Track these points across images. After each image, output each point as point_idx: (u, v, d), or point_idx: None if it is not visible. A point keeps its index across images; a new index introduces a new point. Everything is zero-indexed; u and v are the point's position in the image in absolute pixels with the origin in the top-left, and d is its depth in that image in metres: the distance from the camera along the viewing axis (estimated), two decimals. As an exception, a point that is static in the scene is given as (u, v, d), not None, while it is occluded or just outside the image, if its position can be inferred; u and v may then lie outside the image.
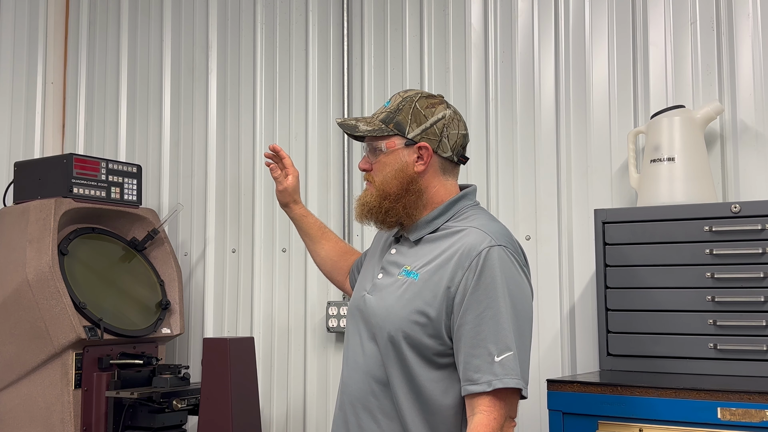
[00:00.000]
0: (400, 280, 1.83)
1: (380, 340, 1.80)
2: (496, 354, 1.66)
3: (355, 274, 2.19)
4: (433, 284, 1.75)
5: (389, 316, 1.78)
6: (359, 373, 1.83)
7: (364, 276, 1.98)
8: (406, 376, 1.75)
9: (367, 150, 1.93)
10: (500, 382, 1.65)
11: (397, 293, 1.80)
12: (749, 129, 2.65)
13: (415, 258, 1.83)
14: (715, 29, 2.73)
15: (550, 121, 2.98)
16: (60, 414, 2.98)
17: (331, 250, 2.33)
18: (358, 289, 1.95)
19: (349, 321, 1.94)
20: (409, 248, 1.87)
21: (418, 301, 1.75)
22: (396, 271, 1.85)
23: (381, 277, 1.88)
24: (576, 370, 2.85)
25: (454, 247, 1.77)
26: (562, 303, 2.90)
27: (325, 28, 3.47)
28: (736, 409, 1.97)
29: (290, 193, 2.31)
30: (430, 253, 1.81)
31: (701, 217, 2.34)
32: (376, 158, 1.89)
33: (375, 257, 2.00)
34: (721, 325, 2.28)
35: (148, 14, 3.92)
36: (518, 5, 3.08)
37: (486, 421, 1.66)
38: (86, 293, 3.08)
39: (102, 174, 3.35)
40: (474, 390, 1.67)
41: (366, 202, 1.88)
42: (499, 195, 3.05)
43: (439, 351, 1.74)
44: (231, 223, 3.60)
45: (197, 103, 3.74)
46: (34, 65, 4.03)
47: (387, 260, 1.90)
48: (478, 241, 1.74)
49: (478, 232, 1.77)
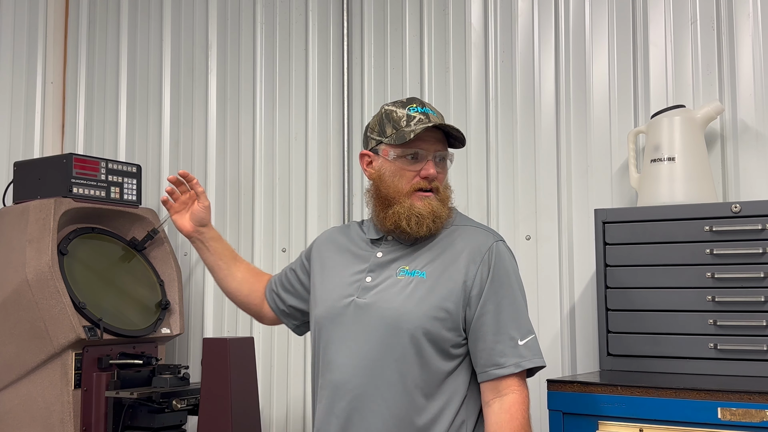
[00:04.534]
0: (403, 280, 1.84)
1: (395, 338, 1.80)
2: (519, 338, 1.80)
3: (280, 294, 2.14)
4: (446, 280, 1.82)
5: (406, 315, 1.80)
6: (363, 375, 1.81)
7: (336, 283, 1.93)
8: (424, 370, 1.79)
9: (444, 159, 1.95)
10: (529, 362, 1.80)
11: (405, 292, 1.82)
12: (749, 129, 2.65)
13: (412, 258, 1.87)
14: (715, 29, 2.73)
15: (550, 121, 2.98)
16: (60, 414, 2.97)
17: (247, 271, 2.22)
18: (336, 297, 1.90)
19: (333, 327, 1.88)
20: (399, 250, 1.89)
21: (434, 297, 1.81)
22: (390, 272, 1.86)
23: (370, 280, 1.87)
24: (576, 370, 2.85)
25: (458, 245, 1.86)
26: (562, 303, 2.90)
27: (325, 28, 3.47)
28: (736, 409, 1.97)
29: (204, 217, 2.16)
30: (429, 252, 1.86)
31: (701, 217, 2.34)
32: (443, 169, 1.94)
33: (343, 263, 1.96)
34: (722, 325, 2.28)
35: (148, 14, 3.92)
36: (518, 5, 3.08)
37: (521, 399, 1.80)
38: (86, 293, 3.07)
39: (102, 174, 3.35)
40: (501, 373, 1.78)
41: (435, 209, 1.88)
42: (499, 195, 3.05)
43: (455, 342, 1.81)
44: (231, 223, 3.59)
45: (197, 103, 3.74)
46: (34, 65, 4.03)
47: (375, 263, 1.89)
48: (484, 238, 1.87)
49: (480, 230, 1.91)
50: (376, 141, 1.92)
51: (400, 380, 1.79)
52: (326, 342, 1.89)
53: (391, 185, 1.88)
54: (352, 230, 2.05)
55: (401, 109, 1.90)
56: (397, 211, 1.86)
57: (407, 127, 1.87)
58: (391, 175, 1.89)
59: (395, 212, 1.86)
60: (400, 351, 1.79)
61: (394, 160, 1.88)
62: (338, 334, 1.87)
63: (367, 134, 1.97)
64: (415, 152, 1.88)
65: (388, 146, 1.89)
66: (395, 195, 1.87)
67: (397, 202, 1.87)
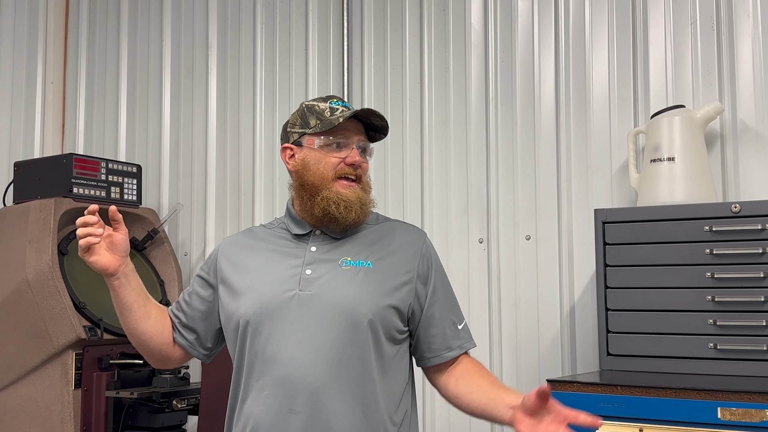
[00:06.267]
0: (350, 270, 1.86)
1: (354, 326, 1.80)
2: (458, 323, 1.94)
3: (183, 323, 2.01)
4: (392, 270, 1.88)
5: (363, 302, 1.82)
6: (323, 366, 1.79)
7: (266, 280, 1.88)
8: (378, 355, 1.84)
9: (365, 150, 1.95)
10: (469, 344, 1.95)
11: (356, 281, 1.84)
12: (749, 129, 2.65)
13: (350, 249, 1.90)
14: (715, 29, 2.73)
15: (550, 121, 2.98)
16: (60, 414, 2.98)
17: (155, 305, 2.02)
18: (271, 293, 1.85)
19: (272, 323, 1.83)
20: (333, 242, 1.91)
21: (386, 286, 1.86)
22: (331, 264, 1.87)
23: (311, 272, 1.86)
24: (576, 370, 2.85)
25: (393, 239, 1.94)
26: (562, 303, 2.90)
27: (325, 28, 3.47)
28: (736, 409, 1.97)
29: (128, 246, 1.97)
30: (366, 243, 1.91)
31: (701, 217, 2.34)
32: (366, 159, 1.95)
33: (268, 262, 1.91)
34: (721, 325, 2.28)
35: (148, 14, 3.92)
36: (518, 5, 3.08)
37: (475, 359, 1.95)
38: (86, 293, 3.08)
39: (102, 174, 3.35)
40: (452, 355, 1.92)
41: (360, 196, 1.90)
42: (499, 195, 3.05)
43: (400, 329, 1.88)
44: (231, 223, 3.59)
45: (197, 103, 3.74)
46: (34, 65, 4.03)
47: (312, 257, 1.89)
48: (415, 233, 1.98)
49: (408, 226, 2.02)
50: (299, 133, 1.95)
51: (361, 366, 1.81)
52: (265, 339, 1.83)
53: (316, 172, 1.90)
54: (259, 233, 2.02)
55: (323, 103, 1.95)
56: (326, 196, 1.87)
57: (332, 116, 1.91)
58: (316, 162, 1.90)
59: (323, 198, 1.87)
60: (360, 338, 1.81)
61: (319, 149, 1.91)
62: (280, 328, 1.83)
63: (288, 129, 1.98)
64: (339, 141, 1.91)
65: (313, 135, 1.92)
66: (321, 182, 1.89)
67: (323, 188, 1.88)
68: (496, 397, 1.80)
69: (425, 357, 1.94)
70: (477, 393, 1.85)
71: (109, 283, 1.94)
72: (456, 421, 3.03)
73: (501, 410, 1.77)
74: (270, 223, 2.05)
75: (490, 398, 1.81)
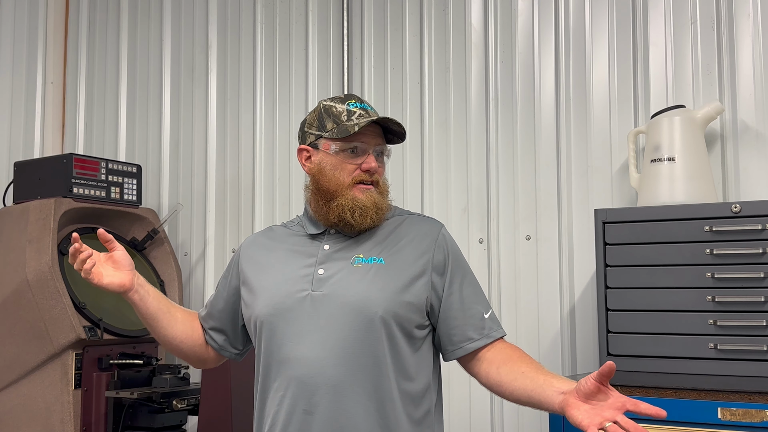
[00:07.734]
0: (362, 268, 1.85)
1: (367, 324, 1.80)
2: (484, 312, 1.88)
3: (211, 326, 2.04)
4: (405, 265, 1.86)
5: (374, 300, 1.81)
6: (337, 366, 1.79)
7: (280, 280, 1.89)
8: (393, 352, 1.81)
9: (382, 153, 1.95)
10: (497, 332, 1.88)
11: (367, 278, 1.83)
12: (749, 129, 2.65)
13: (363, 246, 1.89)
14: (715, 29, 2.73)
15: (550, 121, 2.98)
16: (60, 414, 2.97)
17: (180, 309, 2.07)
18: (285, 293, 1.86)
19: (286, 323, 1.84)
20: (346, 240, 1.91)
21: (399, 281, 1.83)
22: (344, 263, 1.86)
23: (323, 272, 1.86)
24: (576, 370, 2.85)
25: (407, 233, 1.92)
26: (563, 303, 2.90)
27: (325, 28, 3.47)
28: (736, 409, 1.97)
29: (131, 259, 1.95)
30: (379, 240, 1.89)
31: (701, 217, 2.34)
32: (382, 163, 1.95)
33: (283, 261, 1.92)
34: (722, 325, 2.28)
35: (148, 14, 3.92)
36: (518, 5, 3.08)
37: (514, 345, 1.88)
38: (86, 293, 3.08)
39: (102, 174, 3.35)
40: (476, 346, 1.85)
41: (377, 201, 1.90)
42: (499, 195, 3.05)
43: (419, 324, 1.85)
44: (231, 223, 3.59)
45: (197, 103, 3.74)
46: (34, 65, 4.03)
47: (324, 255, 1.89)
48: (429, 224, 1.95)
49: (421, 217, 1.99)
50: (316, 136, 1.93)
51: (375, 365, 1.79)
52: (280, 339, 1.85)
53: (332, 178, 1.89)
54: (278, 232, 2.03)
55: (340, 105, 1.92)
56: (341, 203, 1.87)
57: (349, 121, 1.89)
58: (332, 169, 1.90)
59: (339, 205, 1.87)
60: (373, 336, 1.79)
61: (335, 154, 1.90)
62: (293, 329, 1.84)
63: (305, 129, 1.97)
64: (356, 146, 1.90)
65: (329, 140, 1.91)
66: (337, 188, 1.89)
67: (339, 195, 1.88)
68: (545, 383, 1.71)
69: (448, 350, 1.89)
70: (522, 379, 1.76)
71: (129, 300, 1.95)
72: (456, 420, 3.03)
73: (550, 395, 1.68)
74: (290, 221, 2.06)
75: (538, 383, 1.72)
